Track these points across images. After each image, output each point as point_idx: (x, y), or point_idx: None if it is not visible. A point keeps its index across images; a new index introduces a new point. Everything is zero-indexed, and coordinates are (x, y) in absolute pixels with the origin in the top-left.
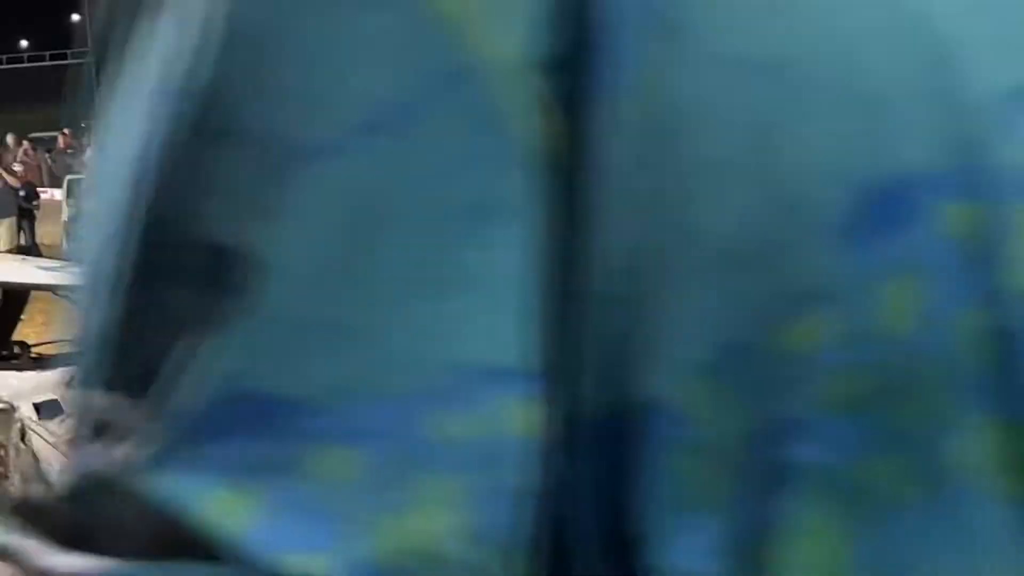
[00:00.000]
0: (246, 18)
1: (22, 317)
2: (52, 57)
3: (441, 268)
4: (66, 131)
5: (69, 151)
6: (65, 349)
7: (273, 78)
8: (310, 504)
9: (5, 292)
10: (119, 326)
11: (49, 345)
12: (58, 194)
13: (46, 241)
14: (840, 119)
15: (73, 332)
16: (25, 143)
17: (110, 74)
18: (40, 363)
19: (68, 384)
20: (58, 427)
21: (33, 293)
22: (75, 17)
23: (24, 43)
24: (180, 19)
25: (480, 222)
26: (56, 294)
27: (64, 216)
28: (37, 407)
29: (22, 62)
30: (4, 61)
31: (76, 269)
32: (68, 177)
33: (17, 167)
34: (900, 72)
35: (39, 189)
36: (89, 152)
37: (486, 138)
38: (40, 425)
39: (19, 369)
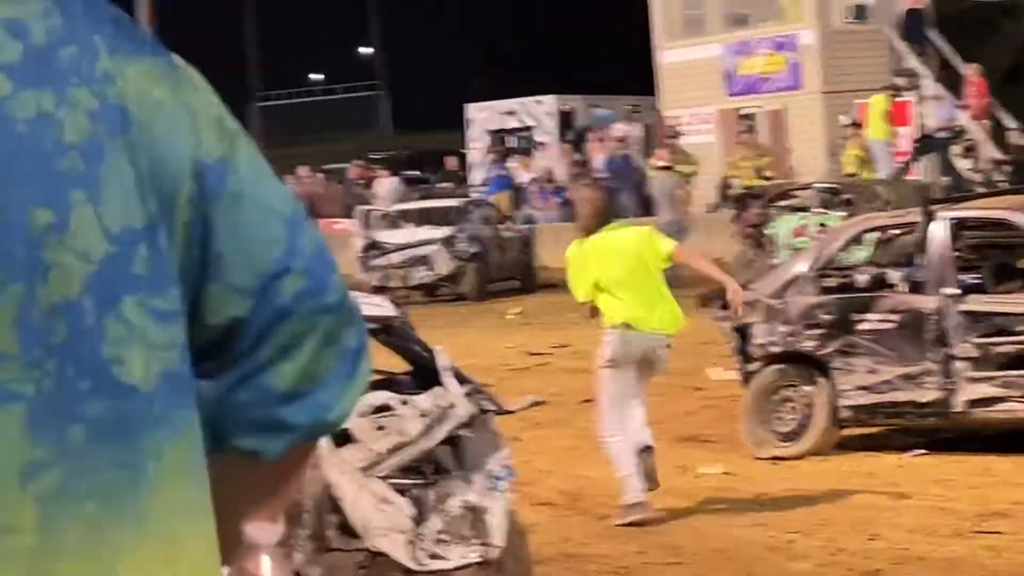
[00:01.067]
0: None
1: None
2: (344, 90)
3: None
4: (358, 162)
5: (361, 182)
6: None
7: None
8: None
9: None
10: None
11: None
12: (351, 224)
13: (340, 271)
14: None
15: None
16: (318, 175)
17: None
18: None
19: None
20: (351, 456)
21: None
22: (366, 50)
23: (317, 76)
24: None
25: None
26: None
27: (357, 246)
28: (329, 436)
29: (315, 95)
30: (298, 95)
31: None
32: (361, 208)
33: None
34: None
35: (332, 220)
36: (380, 183)
37: None
38: (333, 454)
39: None
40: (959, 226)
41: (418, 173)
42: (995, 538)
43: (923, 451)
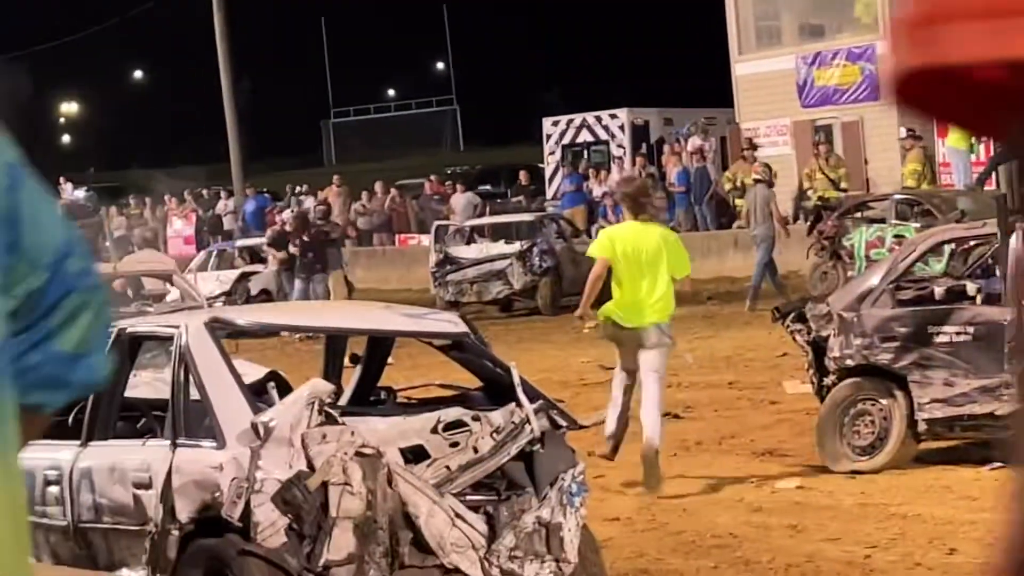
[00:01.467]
0: None
1: (390, 361)
2: (418, 105)
3: None
4: (432, 178)
5: (435, 197)
6: (431, 394)
7: None
8: None
9: (372, 338)
10: None
11: (416, 390)
12: (425, 239)
13: (414, 286)
14: None
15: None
16: (393, 190)
17: None
18: (406, 408)
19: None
20: (424, 472)
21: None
22: (440, 66)
23: (391, 92)
24: None
25: None
26: (422, 340)
27: (431, 261)
28: (404, 453)
29: (389, 111)
30: (372, 111)
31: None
32: (436, 223)
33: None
34: None
35: (407, 236)
36: (456, 198)
37: None
38: (407, 471)
39: (386, 415)
40: None
41: (491, 188)
42: None
43: (1001, 464)
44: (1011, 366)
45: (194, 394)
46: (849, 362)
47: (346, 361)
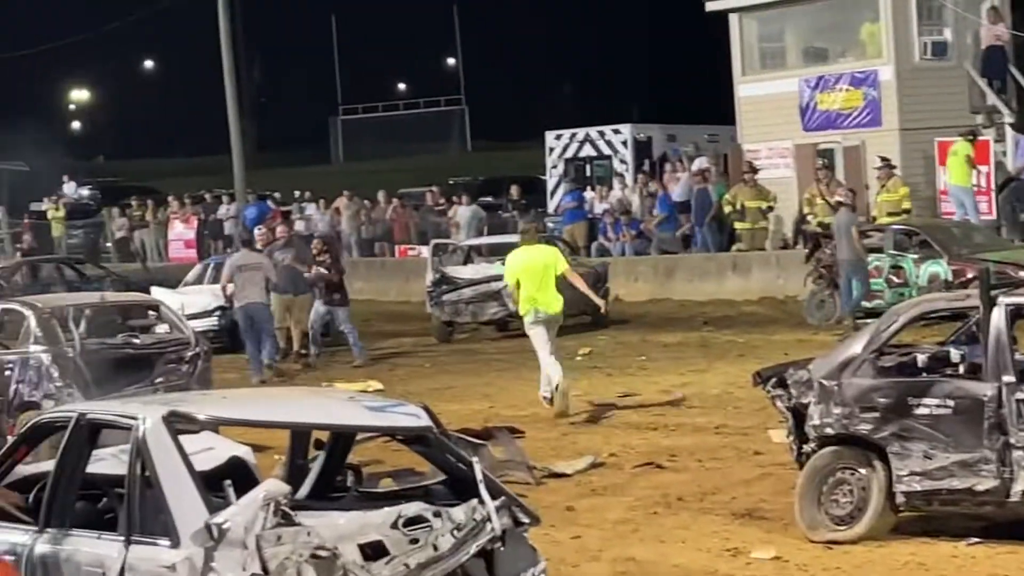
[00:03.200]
0: None
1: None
2: (426, 104)
3: None
4: (434, 188)
5: (437, 208)
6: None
7: None
8: None
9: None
10: None
11: (387, 479)
12: (425, 251)
13: (413, 299)
14: None
15: None
16: (395, 200)
17: None
18: (368, 501)
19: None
20: (383, 570)
21: None
22: (450, 63)
23: (401, 88)
24: None
25: None
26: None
27: (427, 279)
28: (363, 548)
29: (398, 109)
30: (381, 108)
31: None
32: (434, 242)
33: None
34: None
35: (407, 247)
36: (460, 211)
37: None
38: (364, 569)
39: (345, 508)
40: (1018, 313)
41: (494, 199)
42: None
43: (978, 540)
44: (990, 442)
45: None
46: (829, 431)
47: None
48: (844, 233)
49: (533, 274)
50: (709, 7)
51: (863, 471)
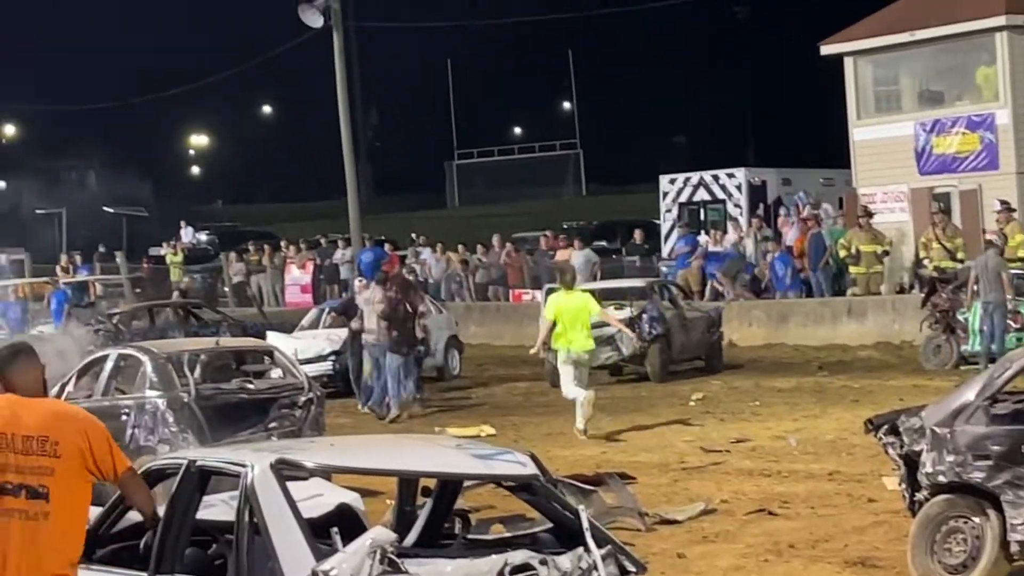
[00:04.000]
0: None
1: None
2: (541, 148)
3: None
4: (548, 233)
5: (551, 253)
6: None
7: None
8: None
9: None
10: None
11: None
12: (539, 295)
13: (527, 343)
14: None
15: None
16: (508, 244)
17: None
18: (475, 548)
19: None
20: None
21: None
22: (565, 106)
23: (516, 131)
24: None
25: None
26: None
27: (541, 319)
28: None
29: (512, 153)
30: (496, 153)
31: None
32: (548, 286)
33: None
34: None
35: (521, 291)
36: (574, 255)
37: None
38: None
39: (452, 556)
40: None
41: (607, 244)
42: None
43: None
44: None
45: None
46: (941, 479)
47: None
48: (991, 275)
49: (569, 315)
50: (824, 51)
51: (976, 520)
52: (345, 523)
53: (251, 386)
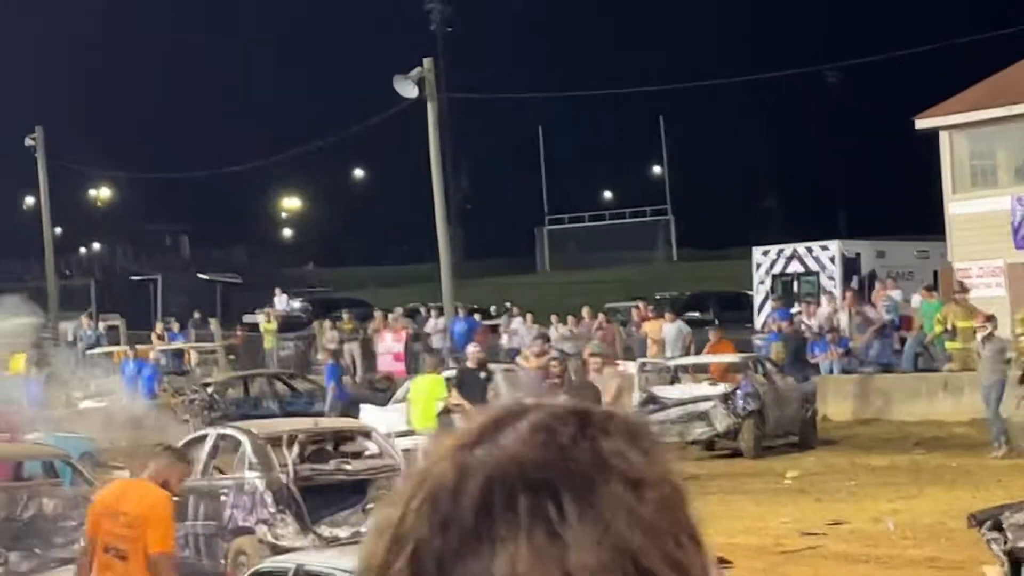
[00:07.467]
0: None
1: None
2: (632, 215)
3: None
4: (640, 304)
5: (640, 323)
6: None
7: None
8: None
9: None
10: None
11: None
12: (631, 367)
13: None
14: None
15: None
16: (601, 315)
17: None
18: None
19: None
20: None
21: None
22: (655, 171)
23: (607, 196)
24: None
25: None
26: None
27: (634, 399)
28: None
29: (603, 219)
30: (587, 219)
31: None
32: (640, 361)
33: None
34: None
35: (616, 360)
36: (666, 327)
37: None
38: None
39: None
40: None
41: (700, 315)
42: None
43: None
44: None
45: None
46: None
47: None
48: (992, 359)
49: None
50: (919, 124)
51: None
52: None
53: (348, 467)
